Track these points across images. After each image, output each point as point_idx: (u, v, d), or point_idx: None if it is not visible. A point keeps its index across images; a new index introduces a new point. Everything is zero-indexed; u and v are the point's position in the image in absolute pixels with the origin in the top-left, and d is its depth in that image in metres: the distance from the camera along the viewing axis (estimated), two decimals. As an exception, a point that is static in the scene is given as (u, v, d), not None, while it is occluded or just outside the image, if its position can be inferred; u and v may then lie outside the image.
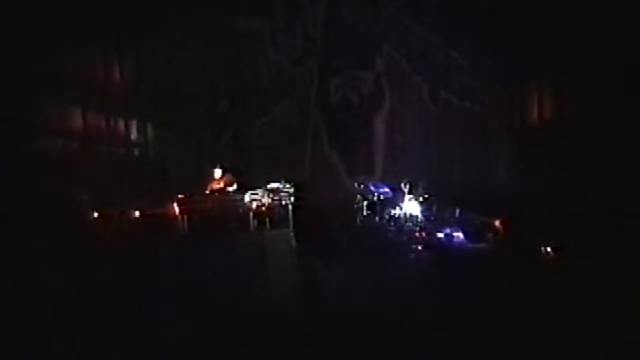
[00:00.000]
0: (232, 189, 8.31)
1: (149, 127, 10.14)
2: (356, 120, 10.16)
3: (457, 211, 8.29)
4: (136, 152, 10.32)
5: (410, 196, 8.59)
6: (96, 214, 8.36)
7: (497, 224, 7.86)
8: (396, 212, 8.69)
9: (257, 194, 8.04)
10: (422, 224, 8.32)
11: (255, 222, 7.91)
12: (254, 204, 7.95)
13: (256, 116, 10.04)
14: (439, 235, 7.99)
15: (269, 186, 8.11)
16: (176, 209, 7.96)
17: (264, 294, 6.84)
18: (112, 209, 8.42)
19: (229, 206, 8.00)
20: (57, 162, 8.84)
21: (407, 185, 8.63)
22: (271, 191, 8.08)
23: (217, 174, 8.51)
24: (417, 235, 8.12)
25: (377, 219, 8.84)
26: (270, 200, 8.03)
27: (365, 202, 8.97)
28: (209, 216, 7.93)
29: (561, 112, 9.22)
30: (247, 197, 7.98)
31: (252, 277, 7.01)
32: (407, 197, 8.61)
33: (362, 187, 9.16)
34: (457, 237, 7.89)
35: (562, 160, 8.60)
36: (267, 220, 7.93)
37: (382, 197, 8.92)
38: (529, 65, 9.11)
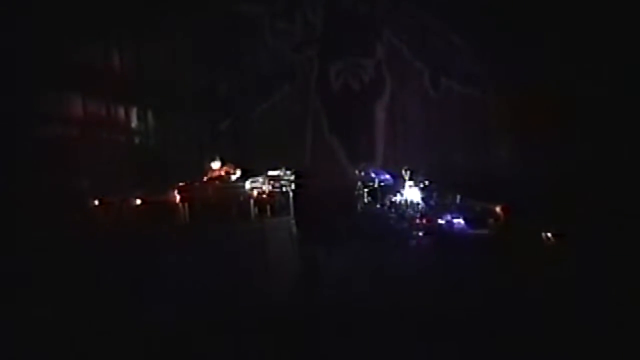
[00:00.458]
0: (235, 177, 8.26)
1: (149, 114, 10.11)
2: (357, 107, 10.12)
3: (458, 197, 8.28)
4: (137, 139, 10.30)
5: (410, 183, 8.59)
6: (97, 202, 8.34)
7: (498, 210, 7.86)
8: (397, 198, 8.68)
9: (257, 181, 8.00)
10: (423, 211, 8.33)
11: (256, 209, 7.86)
12: (255, 192, 7.91)
13: (256, 103, 10.01)
14: (440, 221, 7.99)
15: (270, 173, 8.08)
16: (177, 197, 7.93)
17: (264, 281, 6.87)
18: (112, 197, 8.40)
19: (230, 194, 7.94)
20: (57, 150, 8.82)
21: (408, 172, 8.62)
22: (272, 178, 8.05)
23: (216, 166, 8.46)
24: (417, 221, 8.13)
25: (377, 205, 8.84)
26: (270, 187, 8.00)
27: (365, 189, 8.97)
28: (209, 204, 7.89)
29: (564, 100, 9.16)
30: (247, 185, 7.94)
31: (252, 264, 7.01)
32: (408, 183, 8.61)
33: (362, 174, 9.16)
34: (458, 223, 7.89)
35: (564, 148, 8.57)
36: (267, 207, 7.90)
37: (382, 184, 8.92)
38: (531, 50, 9.03)
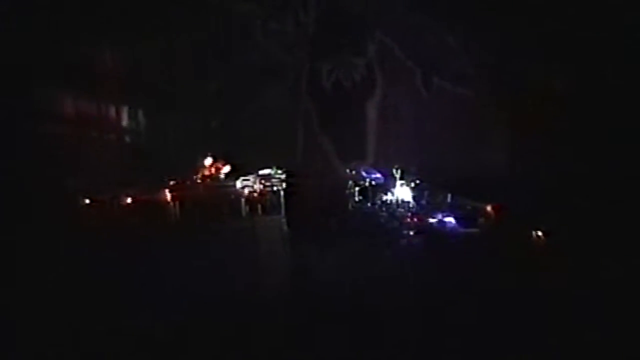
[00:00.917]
0: (225, 171, 8.24)
1: (140, 113, 10.06)
2: (348, 106, 10.10)
3: (449, 196, 8.29)
4: (127, 138, 10.23)
5: (402, 182, 8.59)
6: (87, 201, 8.30)
7: (489, 209, 7.87)
8: (388, 197, 8.67)
9: (248, 180, 8.02)
10: (414, 210, 8.33)
11: (246, 208, 7.88)
12: (246, 190, 7.93)
13: (247, 102, 9.96)
14: (431, 220, 8.00)
15: (261, 172, 8.08)
16: (168, 196, 7.93)
17: (255, 279, 6.88)
18: (103, 195, 8.37)
19: (221, 192, 7.97)
20: (46, 148, 8.77)
21: (399, 171, 8.62)
22: (263, 177, 8.05)
23: (208, 162, 8.45)
24: (408, 220, 8.13)
25: (368, 204, 8.83)
26: (262, 186, 8.01)
27: (357, 188, 8.97)
28: (200, 202, 7.89)
29: (557, 97, 9.17)
30: (238, 184, 7.95)
31: (242, 262, 7.01)
32: (399, 182, 8.60)
33: (353, 172, 9.15)
34: (449, 222, 7.90)
35: (557, 148, 8.57)
36: (259, 206, 7.91)
37: (373, 183, 8.91)
38: (525, 49, 9.04)
